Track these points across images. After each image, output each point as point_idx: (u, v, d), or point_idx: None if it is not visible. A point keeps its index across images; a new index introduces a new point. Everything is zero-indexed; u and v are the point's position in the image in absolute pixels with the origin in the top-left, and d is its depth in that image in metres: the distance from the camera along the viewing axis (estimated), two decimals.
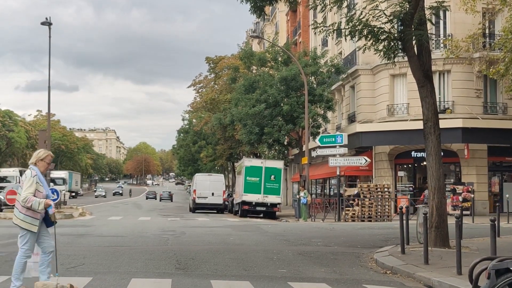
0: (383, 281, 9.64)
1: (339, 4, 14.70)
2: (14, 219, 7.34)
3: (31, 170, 7.34)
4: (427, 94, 14.01)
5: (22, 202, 7.20)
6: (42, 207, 7.14)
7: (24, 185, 7.23)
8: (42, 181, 7.35)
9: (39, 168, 7.42)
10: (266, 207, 33.97)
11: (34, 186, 7.21)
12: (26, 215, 7.23)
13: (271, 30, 67.30)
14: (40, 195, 7.25)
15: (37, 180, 7.26)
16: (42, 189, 7.30)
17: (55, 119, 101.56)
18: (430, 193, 13.77)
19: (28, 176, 7.27)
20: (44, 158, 7.47)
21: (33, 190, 7.20)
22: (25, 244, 7.31)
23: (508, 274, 5.49)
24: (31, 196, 7.15)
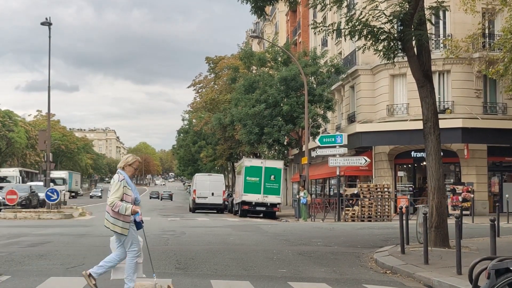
0: (383, 281, 9.65)
1: (339, 4, 14.70)
2: (106, 223, 7.43)
3: (119, 174, 7.41)
4: (427, 94, 14.02)
5: (110, 207, 7.29)
6: (129, 212, 7.19)
7: (112, 190, 7.33)
8: (130, 185, 7.41)
9: (126, 172, 7.48)
10: (266, 207, 33.98)
11: (121, 191, 7.27)
12: (117, 219, 7.30)
13: (271, 30, 67.30)
14: (128, 199, 7.30)
15: (124, 184, 7.32)
16: (130, 192, 7.35)
17: (55, 119, 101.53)
18: (430, 193, 13.78)
19: (116, 180, 7.35)
20: (132, 163, 7.54)
21: (120, 194, 7.25)
22: (132, 246, 7.40)
23: (508, 274, 5.50)
24: (118, 201, 7.22)
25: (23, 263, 10.51)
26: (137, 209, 7.21)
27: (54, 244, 14.18)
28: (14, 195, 28.96)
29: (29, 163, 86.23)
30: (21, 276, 8.95)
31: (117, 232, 7.33)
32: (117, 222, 7.27)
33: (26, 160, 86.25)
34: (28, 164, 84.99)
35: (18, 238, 15.87)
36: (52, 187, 30.99)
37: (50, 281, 8.56)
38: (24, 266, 10.20)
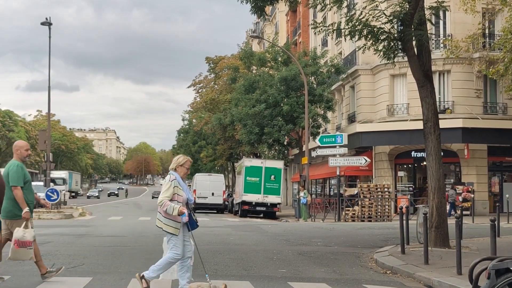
0: (383, 281, 9.64)
1: (339, 4, 14.69)
2: (157, 222, 7.49)
3: (170, 174, 7.48)
4: (427, 94, 14.01)
5: (159, 205, 7.35)
6: (176, 213, 7.22)
7: (162, 189, 7.40)
8: (182, 185, 7.45)
9: (178, 173, 7.52)
10: (266, 207, 33.97)
11: (171, 191, 7.31)
12: (169, 219, 7.34)
13: (271, 30, 67.30)
14: (180, 199, 7.34)
15: (175, 184, 7.37)
16: (182, 193, 7.39)
17: (55, 119, 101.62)
18: (430, 193, 13.78)
19: (167, 180, 7.43)
20: (183, 164, 7.57)
21: (170, 194, 7.30)
22: (174, 248, 7.42)
23: (508, 274, 5.49)
24: (166, 200, 7.26)
25: (23, 263, 10.49)
26: (184, 210, 7.24)
27: (54, 244, 14.17)
28: None
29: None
30: (21, 276, 8.94)
31: (169, 232, 7.38)
32: (170, 222, 7.34)
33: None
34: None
35: None
36: (52, 187, 30.97)
37: (50, 281, 8.55)
38: (24, 266, 10.19)
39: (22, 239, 7.98)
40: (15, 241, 7.95)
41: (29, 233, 8.08)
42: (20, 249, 7.98)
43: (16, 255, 8.02)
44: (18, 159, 8.49)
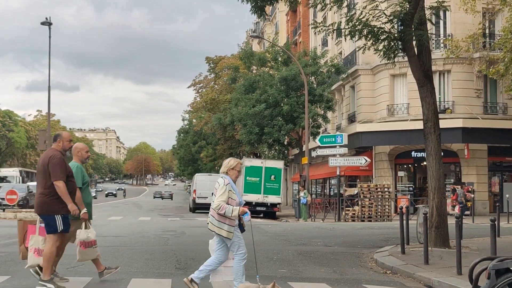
0: (383, 281, 9.64)
1: (339, 4, 14.69)
2: (210, 226, 7.55)
3: (224, 178, 7.48)
4: (427, 94, 14.01)
5: (216, 209, 7.37)
6: (236, 214, 7.27)
7: (217, 193, 7.40)
8: (234, 189, 7.47)
9: (230, 176, 7.54)
10: (266, 207, 33.96)
11: (227, 194, 7.34)
12: (223, 223, 7.38)
13: (271, 30, 67.30)
14: (233, 203, 7.37)
15: (229, 188, 7.38)
16: (235, 196, 7.42)
17: (55, 119, 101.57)
18: (430, 193, 13.77)
19: (221, 184, 7.42)
20: (234, 167, 7.60)
21: (226, 198, 7.32)
22: (239, 249, 7.50)
23: (508, 274, 5.49)
24: (223, 203, 7.29)
25: (23, 263, 10.47)
26: (246, 209, 7.28)
27: None
28: (14, 195, 28.96)
29: (29, 163, 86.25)
30: (21, 276, 8.93)
31: (223, 235, 7.43)
32: (223, 225, 7.37)
33: (26, 160, 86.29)
34: (28, 164, 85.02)
35: None
36: None
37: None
38: (24, 266, 10.17)
39: (87, 240, 8.13)
40: (80, 242, 8.08)
41: (91, 233, 8.20)
42: (86, 249, 8.17)
43: (84, 256, 8.20)
44: (78, 161, 8.46)
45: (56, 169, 7.56)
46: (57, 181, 7.53)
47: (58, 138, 8.00)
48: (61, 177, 7.56)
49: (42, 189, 7.68)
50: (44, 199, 7.64)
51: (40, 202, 7.66)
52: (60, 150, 7.89)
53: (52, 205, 7.58)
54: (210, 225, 7.51)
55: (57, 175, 7.54)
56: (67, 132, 8.44)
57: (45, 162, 7.68)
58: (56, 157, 7.68)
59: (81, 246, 8.10)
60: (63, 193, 7.54)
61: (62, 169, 7.60)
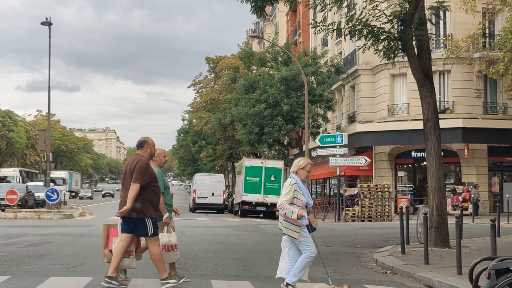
0: (383, 281, 9.64)
1: (339, 4, 14.69)
2: (279, 225, 7.58)
3: (291, 178, 7.50)
4: (427, 94, 14.01)
5: (278, 208, 7.40)
6: (295, 216, 7.25)
7: (282, 193, 7.45)
8: (302, 188, 7.48)
9: (299, 176, 7.56)
10: (266, 207, 33.94)
11: (291, 194, 7.35)
12: (290, 223, 7.38)
13: (271, 30, 67.30)
14: (299, 203, 7.38)
15: (296, 188, 7.40)
16: (301, 197, 7.42)
17: (55, 119, 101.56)
18: (430, 193, 13.77)
19: (287, 184, 7.47)
20: (304, 167, 7.61)
21: (290, 197, 7.34)
22: (307, 247, 7.50)
23: (508, 274, 5.49)
24: (286, 204, 7.31)
25: (23, 263, 10.50)
26: (303, 212, 7.24)
27: (54, 244, 14.17)
28: (14, 195, 28.96)
29: (29, 163, 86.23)
30: (21, 276, 8.94)
31: (290, 235, 7.45)
32: (290, 226, 7.40)
33: (26, 160, 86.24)
34: (28, 164, 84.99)
35: (18, 238, 15.86)
36: (52, 187, 30.97)
37: (50, 281, 8.55)
38: (24, 266, 10.19)
39: (169, 244, 8.33)
40: (163, 246, 8.22)
41: (173, 237, 8.42)
42: (168, 253, 8.34)
43: (166, 259, 8.31)
44: (157, 166, 8.57)
45: (138, 173, 7.73)
46: (134, 184, 7.70)
47: (145, 144, 8.16)
48: (140, 180, 7.70)
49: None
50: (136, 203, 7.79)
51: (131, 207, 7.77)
52: (146, 156, 8.08)
53: (144, 209, 7.75)
54: (280, 224, 7.57)
55: (137, 178, 7.71)
56: (151, 138, 8.56)
57: (133, 167, 7.85)
58: (143, 162, 7.87)
59: (163, 249, 8.24)
60: (132, 195, 7.66)
61: (143, 174, 7.75)
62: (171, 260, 8.47)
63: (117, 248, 7.89)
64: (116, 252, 7.86)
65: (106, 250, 8.37)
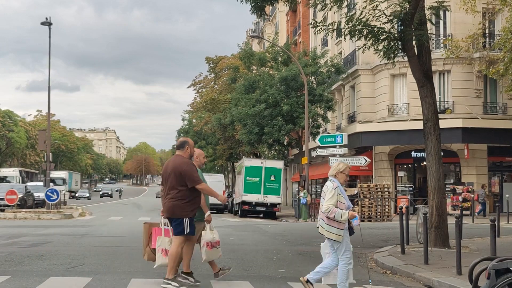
0: (383, 281, 9.63)
1: (339, 4, 14.68)
2: (320, 229, 7.56)
3: (332, 182, 7.51)
4: (427, 94, 14.01)
5: (325, 213, 7.38)
6: (345, 218, 7.27)
7: (326, 197, 7.43)
8: (342, 192, 7.50)
9: (338, 180, 7.57)
10: (266, 207, 33.97)
11: (336, 198, 7.37)
12: (332, 226, 7.38)
13: (271, 30, 67.30)
14: (342, 206, 7.39)
15: (338, 191, 7.41)
16: (343, 200, 7.44)
17: (55, 119, 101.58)
18: (430, 193, 13.77)
19: (330, 188, 7.45)
20: (343, 170, 7.64)
21: (335, 201, 7.35)
22: (344, 253, 7.55)
23: (508, 274, 5.49)
24: (333, 207, 7.31)
25: (23, 263, 10.50)
26: (354, 213, 7.27)
27: (54, 244, 14.17)
28: (14, 195, 28.95)
29: (29, 163, 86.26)
30: (21, 276, 8.94)
31: (332, 239, 7.43)
32: (332, 229, 7.38)
33: (26, 160, 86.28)
34: (28, 164, 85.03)
35: (18, 238, 15.86)
36: (52, 187, 30.97)
37: (50, 281, 8.55)
38: (24, 266, 10.19)
39: (212, 241, 8.59)
40: (207, 243, 8.51)
41: (215, 234, 8.68)
42: (212, 250, 8.59)
43: (209, 256, 8.60)
44: (196, 166, 8.72)
45: (193, 175, 8.10)
46: (199, 185, 8.13)
47: (185, 145, 8.40)
48: (198, 181, 8.14)
49: (173, 193, 8.09)
50: (176, 203, 8.06)
51: (172, 206, 8.07)
52: (187, 157, 8.35)
53: (182, 208, 8.03)
54: (320, 228, 7.55)
55: (196, 179, 8.12)
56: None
57: (177, 168, 8.10)
58: (190, 164, 8.21)
59: (207, 246, 8.50)
60: (210, 191, 8.29)
61: (196, 173, 8.20)
62: (214, 256, 8.72)
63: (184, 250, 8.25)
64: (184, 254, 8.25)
65: (147, 249, 8.66)
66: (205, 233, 8.52)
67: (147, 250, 8.69)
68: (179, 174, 8.06)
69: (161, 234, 8.41)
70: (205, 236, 8.49)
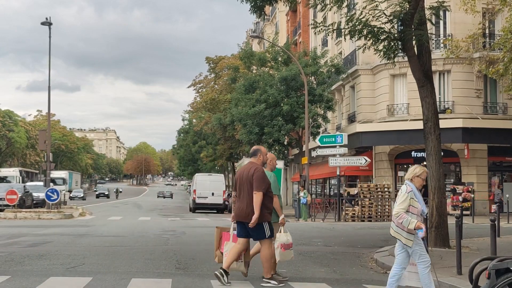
0: (383, 281, 9.61)
1: (339, 4, 14.68)
2: (391, 231, 7.54)
3: (407, 185, 7.45)
4: (427, 94, 14.00)
5: (394, 217, 7.35)
6: (412, 227, 7.17)
7: (398, 200, 7.39)
8: (417, 196, 7.44)
9: (414, 184, 7.51)
10: None
11: (408, 202, 7.31)
12: (402, 229, 7.33)
13: (271, 30, 67.29)
14: (414, 211, 7.34)
15: (412, 196, 7.36)
16: (417, 204, 7.38)
17: (55, 119, 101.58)
18: (430, 193, 13.77)
19: (403, 191, 7.40)
20: (420, 175, 7.57)
21: (406, 206, 7.30)
22: (420, 257, 7.40)
23: (508, 274, 5.49)
24: (403, 212, 7.26)
25: (23, 263, 10.50)
26: (421, 225, 7.18)
27: (54, 244, 14.17)
28: (14, 195, 28.94)
29: (29, 163, 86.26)
30: (21, 276, 8.93)
31: (401, 241, 7.38)
32: (402, 232, 7.33)
33: (26, 160, 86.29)
34: (28, 164, 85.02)
35: (18, 238, 15.86)
36: (52, 187, 30.96)
37: (50, 281, 8.55)
38: (24, 266, 10.19)
39: (286, 242, 8.85)
40: (281, 245, 8.79)
41: (289, 236, 8.94)
42: (285, 251, 8.87)
43: (283, 257, 8.86)
44: (269, 170, 9.18)
45: (258, 181, 8.44)
46: (257, 192, 8.40)
47: (258, 153, 8.88)
48: (262, 188, 8.42)
49: (249, 199, 8.48)
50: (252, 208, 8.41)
51: (250, 212, 8.41)
52: (260, 164, 8.78)
53: (262, 215, 8.40)
54: (391, 230, 7.52)
55: (259, 186, 8.41)
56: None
57: (251, 174, 8.52)
58: (260, 171, 8.58)
59: (281, 248, 8.77)
60: (258, 203, 8.37)
61: (263, 182, 8.49)
62: (287, 258, 8.99)
63: (233, 249, 8.64)
64: (232, 253, 8.62)
65: (218, 251, 9.04)
66: (280, 235, 8.82)
67: (217, 252, 9.08)
68: (252, 180, 8.48)
69: (229, 240, 8.80)
70: (280, 238, 8.79)
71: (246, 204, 8.48)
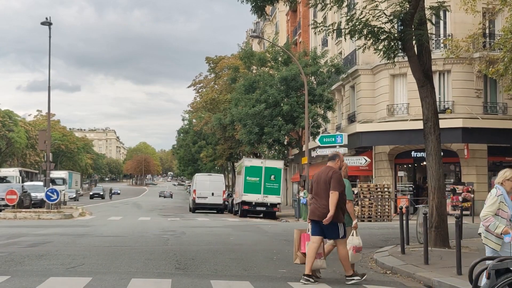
0: (383, 281, 9.64)
1: (339, 4, 14.68)
2: (482, 239, 7.51)
3: (497, 189, 7.42)
4: (427, 94, 14.00)
5: (482, 219, 7.33)
6: (499, 231, 7.10)
7: (487, 203, 7.35)
8: (507, 200, 7.39)
9: (505, 187, 7.48)
10: (266, 207, 33.95)
11: (497, 205, 7.27)
12: (491, 233, 7.29)
13: (271, 30, 67.28)
14: (504, 215, 7.30)
15: (501, 199, 7.32)
16: (506, 209, 7.34)
17: (55, 119, 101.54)
18: (430, 193, 13.76)
19: (493, 194, 7.36)
20: (510, 178, 7.53)
21: (494, 209, 7.26)
22: None
23: (508, 274, 5.50)
24: (490, 216, 7.22)
25: (23, 263, 10.50)
26: (509, 230, 7.08)
27: (54, 244, 14.17)
28: (14, 195, 28.94)
29: (29, 163, 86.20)
30: (21, 276, 8.94)
31: (490, 246, 7.33)
32: (490, 236, 7.28)
33: (26, 160, 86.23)
34: (28, 164, 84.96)
35: (18, 238, 15.86)
36: (52, 187, 30.94)
37: (50, 281, 8.55)
38: (24, 266, 10.19)
39: (358, 246, 9.52)
40: (353, 247, 9.41)
41: (360, 240, 9.58)
42: (356, 253, 9.52)
43: (353, 259, 9.44)
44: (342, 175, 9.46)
45: (336, 182, 8.94)
46: (333, 192, 8.89)
47: (336, 158, 9.39)
48: (338, 189, 8.92)
49: (326, 200, 8.96)
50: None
51: (327, 211, 8.89)
52: (337, 168, 9.23)
53: (337, 215, 8.91)
54: (482, 236, 7.44)
55: (336, 187, 8.91)
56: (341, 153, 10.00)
57: (329, 177, 9.01)
58: (338, 173, 9.11)
59: (353, 250, 9.38)
60: (334, 202, 8.85)
61: (340, 184, 8.99)
62: (357, 259, 9.64)
63: (309, 250, 9.08)
64: (309, 253, 9.05)
65: (299, 253, 9.52)
66: (352, 238, 9.38)
67: (298, 254, 9.52)
68: (330, 181, 8.94)
69: (309, 240, 9.27)
70: (353, 241, 9.36)
71: (322, 204, 8.97)
